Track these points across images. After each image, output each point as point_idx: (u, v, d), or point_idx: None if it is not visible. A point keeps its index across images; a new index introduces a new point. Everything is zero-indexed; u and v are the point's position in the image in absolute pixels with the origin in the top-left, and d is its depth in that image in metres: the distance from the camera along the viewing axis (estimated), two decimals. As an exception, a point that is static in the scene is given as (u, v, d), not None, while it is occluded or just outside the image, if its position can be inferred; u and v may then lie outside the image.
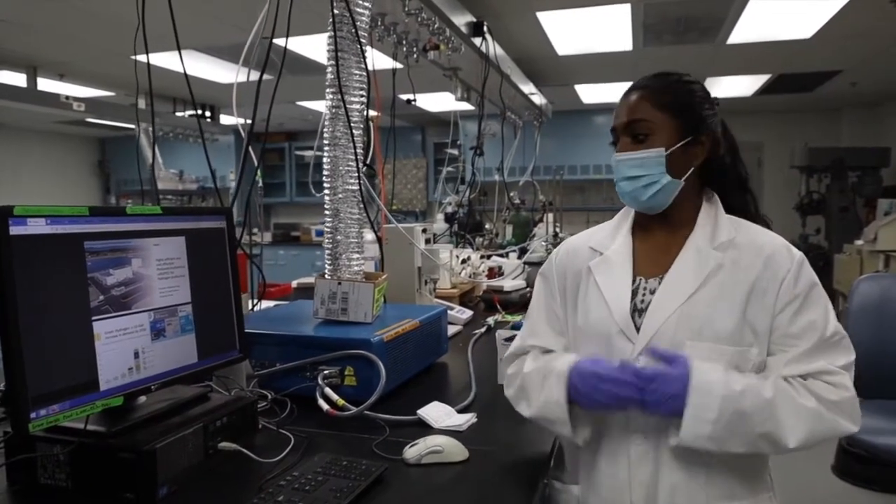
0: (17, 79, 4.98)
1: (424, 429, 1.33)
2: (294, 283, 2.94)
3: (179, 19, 1.68)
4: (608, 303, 1.15)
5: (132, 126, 5.57)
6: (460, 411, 1.43)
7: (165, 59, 2.36)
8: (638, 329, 1.12)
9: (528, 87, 4.75)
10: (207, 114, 6.42)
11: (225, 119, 6.96)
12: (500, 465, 1.18)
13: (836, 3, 3.69)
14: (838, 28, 4.14)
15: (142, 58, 1.70)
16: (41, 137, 8.37)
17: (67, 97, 4.65)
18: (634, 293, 1.16)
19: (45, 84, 5.24)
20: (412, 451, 1.16)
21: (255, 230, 8.71)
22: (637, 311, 1.14)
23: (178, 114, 6.14)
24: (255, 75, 1.73)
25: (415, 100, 3.15)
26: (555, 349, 1.23)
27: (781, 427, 1.00)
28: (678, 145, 1.12)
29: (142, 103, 5.68)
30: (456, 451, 1.17)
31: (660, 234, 1.19)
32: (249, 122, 1.72)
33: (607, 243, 1.23)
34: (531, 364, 1.20)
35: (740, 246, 1.12)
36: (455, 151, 5.59)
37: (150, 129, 5.49)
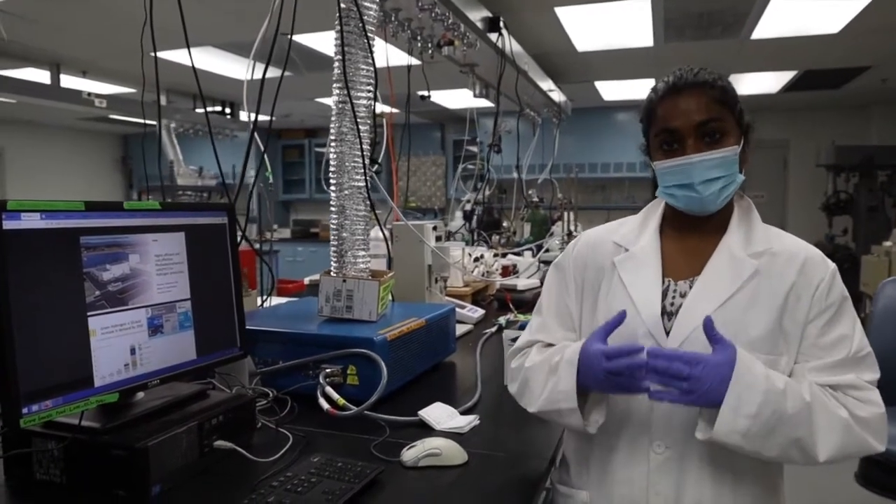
0: (42, 76, 5.05)
1: (426, 430, 1.31)
2: (306, 280, 2.94)
3: (199, 16, 1.68)
4: (636, 303, 1.10)
5: (153, 122, 5.63)
6: (464, 413, 1.41)
7: (185, 56, 2.36)
8: (667, 332, 1.07)
9: (546, 84, 4.70)
10: (227, 110, 6.46)
11: (245, 116, 6.98)
12: (499, 470, 1.15)
13: (864, -3, 3.58)
14: (867, 22, 4.02)
15: (163, 54, 1.70)
16: (67, 134, 8.52)
17: (90, 94, 4.70)
18: (664, 295, 1.11)
19: (69, 81, 5.32)
20: (410, 454, 1.14)
21: (274, 226, 8.75)
22: (666, 314, 1.09)
23: (198, 110, 6.19)
24: (271, 72, 1.71)
25: (429, 96, 3.13)
26: None
27: (815, 435, 0.96)
28: (741, 145, 1.09)
29: (163, 100, 5.76)
30: (454, 454, 1.15)
31: (692, 237, 1.14)
32: (264, 118, 1.71)
33: (633, 239, 1.18)
34: (535, 357, 1.16)
35: (775, 254, 1.09)
36: (474, 149, 5.55)
37: (166, 125, 5.55)
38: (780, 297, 1.05)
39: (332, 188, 1.67)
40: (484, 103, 4.10)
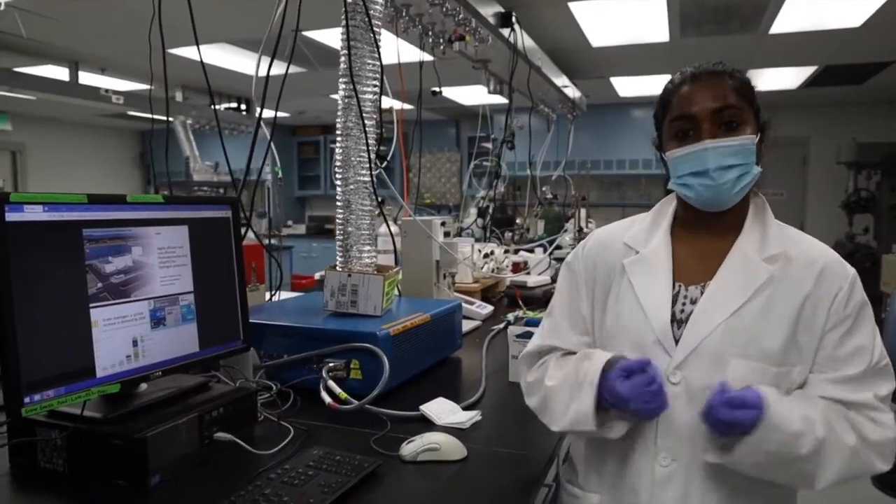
0: (61, 73, 5.12)
1: (427, 425, 1.31)
2: (317, 276, 2.96)
3: (215, 13, 1.69)
4: (645, 309, 1.07)
5: (169, 118, 5.70)
6: (466, 408, 1.40)
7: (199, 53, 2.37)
8: (677, 341, 1.04)
9: (560, 80, 4.66)
10: (243, 106, 6.50)
11: (264, 113, 7.02)
12: (498, 466, 1.15)
13: (886, -10, 3.50)
14: (890, 16, 3.93)
15: (179, 51, 1.71)
16: (86, 131, 8.64)
17: (107, 90, 4.76)
18: (674, 300, 1.07)
19: (88, 78, 5.38)
20: (408, 448, 1.14)
21: (289, 222, 8.77)
22: (676, 321, 1.05)
23: (215, 106, 6.24)
24: (284, 68, 1.72)
25: (440, 91, 3.12)
26: (576, 351, 1.14)
27: (821, 467, 0.95)
28: (758, 138, 1.06)
29: (179, 96, 5.81)
30: (453, 449, 1.14)
31: (704, 238, 1.10)
32: (270, 114, 1.72)
33: (643, 240, 1.14)
34: (555, 373, 1.12)
35: (791, 259, 1.04)
36: (489, 145, 5.54)
37: (182, 121, 5.59)
38: (794, 307, 1.01)
39: (338, 183, 1.68)
40: (499, 100, 4.08)
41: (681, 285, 1.08)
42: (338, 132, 1.66)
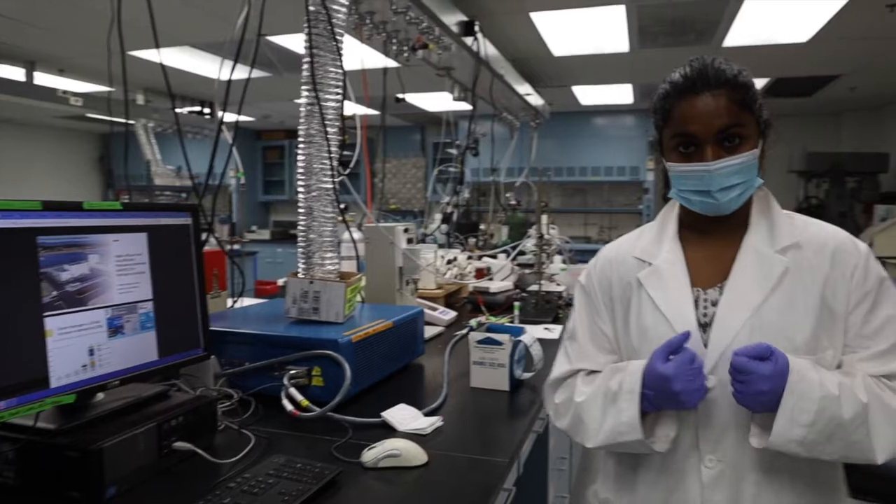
0: (18, 73, 4.97)
1: (389, 431, 1.32)
2: (280, 282, 2.93)
3: (179, 16, 1.67)
4: (669, 318, 1.06)
5: (131, 122, 5.57)
6: (428, 414, 1.42)
7: (163, 56, 2.34)
8: (705, 345, 1.04)
9: (523, 88, 4.73)
10: (206, 110, 6.40)
11: (226, 117, 6.92)
12: (459, 471, 1.16)
13: (832, 7, 3.65)
14: (835, 32, 4.10)
15: (140, 53, 1.69)
16: (44, 133, 8.38)
17: (64, 91, 4.63)
18: (695, 306, 1.07)
19: (46, 79, 5.23)
20: (369, 455, 1.15)
21: (253, 227, 8.62)
22: (701, 327, 1.05)
23: (177, 110, 6.13)
24: (248, 72, 1.71)
25: (403, 98, 3.14)
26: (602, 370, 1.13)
27: (873, 435, 0.94)
28: (760, 144, 1.05)
29: (141, 99, 5.69)
30: (414, 455, 1.16)
31: (712, 238, 1.10)
32: (232, 118, 1.71)
33: (653, 251, 1.13)
34: (583, 388, 1.11)
35: (802, 245, 1.05)
36: (453, 151, 5.58)
37: (143, 125, 5.49)
38: (816, 295, 1.01)
39: (301, 190, 1.68)
40: (464, 106, 4.12)
41: (699, 290, 1.08)
42: (300, 139, 1.66)
